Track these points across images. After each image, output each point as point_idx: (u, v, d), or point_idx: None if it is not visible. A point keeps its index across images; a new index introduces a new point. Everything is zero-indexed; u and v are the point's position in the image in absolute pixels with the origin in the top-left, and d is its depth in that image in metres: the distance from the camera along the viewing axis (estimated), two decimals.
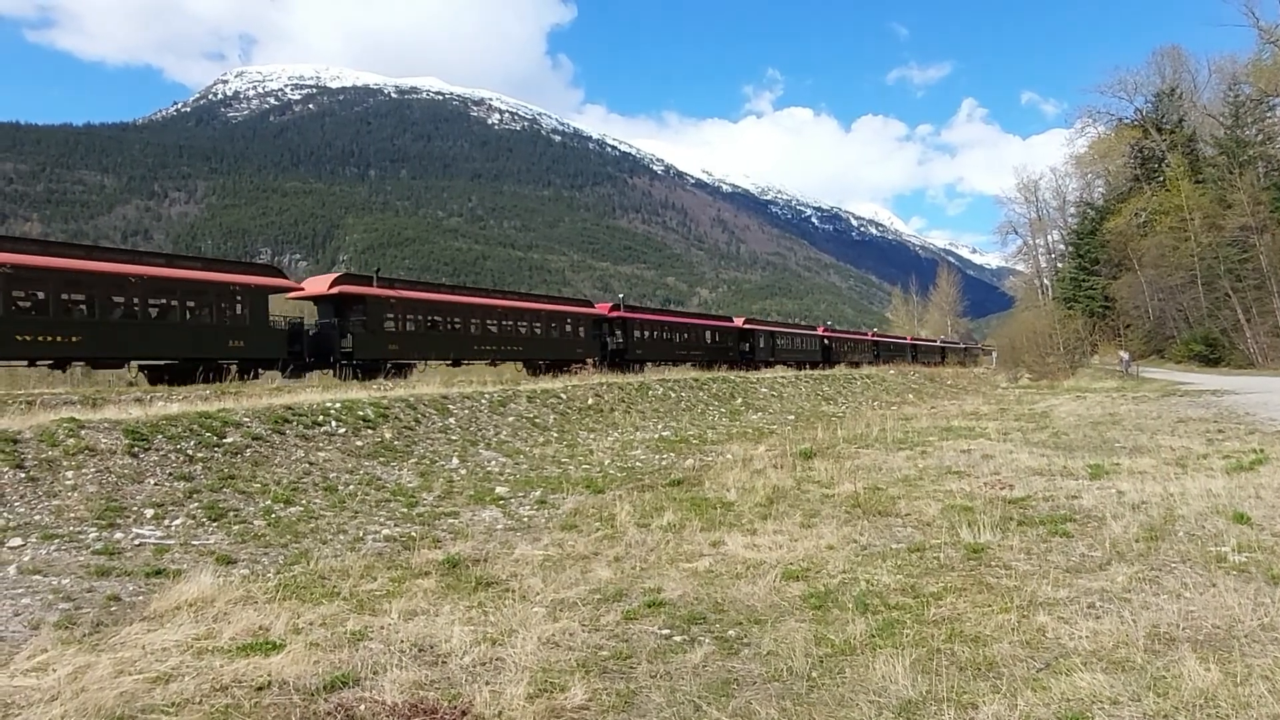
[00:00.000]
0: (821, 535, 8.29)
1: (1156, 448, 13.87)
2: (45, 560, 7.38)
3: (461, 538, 9.05)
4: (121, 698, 4.45)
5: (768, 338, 49.26)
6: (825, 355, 56.10)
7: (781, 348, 50.53)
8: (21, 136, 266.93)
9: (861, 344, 64.97)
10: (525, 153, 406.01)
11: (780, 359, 49.03)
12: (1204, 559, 6.75)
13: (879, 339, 71.67)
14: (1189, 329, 60.78)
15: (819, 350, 56.28)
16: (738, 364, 42.86)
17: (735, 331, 46.52)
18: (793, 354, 51.63)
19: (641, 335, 38.63)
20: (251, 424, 12.54)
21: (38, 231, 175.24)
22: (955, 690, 4.38)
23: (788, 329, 55.55)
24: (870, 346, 66.43)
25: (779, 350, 50.06)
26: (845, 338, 64.11)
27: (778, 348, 49.91)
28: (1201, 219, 58.24)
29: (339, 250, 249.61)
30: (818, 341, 57.26)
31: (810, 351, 53.99)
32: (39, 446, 9.79)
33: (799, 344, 53.00)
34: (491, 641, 5.39)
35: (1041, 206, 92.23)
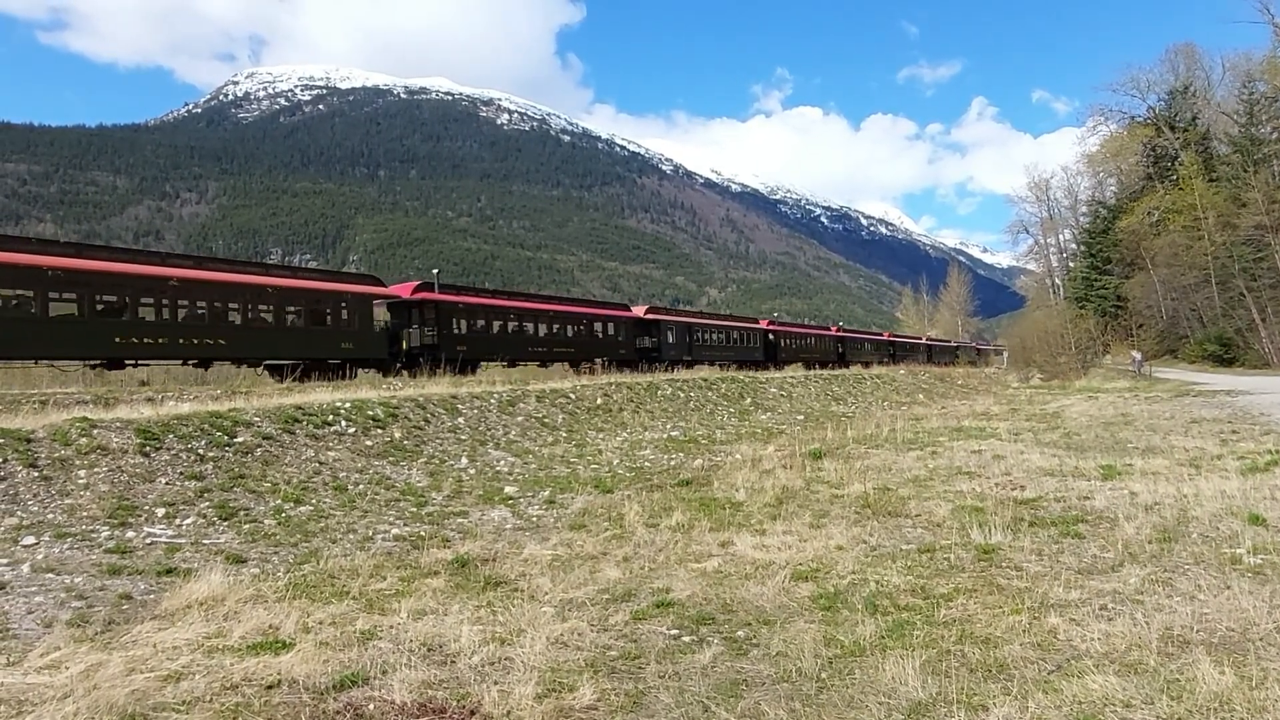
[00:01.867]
0: (831, 536, 8.26)
1: (1170, 448, 13.78)
2: (58, 558, 7.43)
3: (470, 537, 9.05)
4: (133, 695, 4.47)
5: (901, 344, 63.73)
6: (929, 355, 65.89)
7: (799, 348, 55.23)
8: (35, 138, 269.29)
9: (879, 344, 65.38)
10: (534, 153, 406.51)
11: (799, 358, 52.37)
12: (1218, 561, 6.69)
13: (894, 339, 71.73)
14: (1202, 329, 60.37)
15: (925, 351, 67.48)
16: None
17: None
18: (911, 353, 63.28)
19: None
20: (262, 424, 12.59)
21: (50, 232, 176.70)
22: (966, 692, 4.35)
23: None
24: (886, 346, 67.66)
25: (906, 350, 62.45)
26: (860, 338, 64.37)
27: (796, 348, 54.70)
28: (1215, 218, 57.81)
29: (349, 250, 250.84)
30: (924, 347, 68.62)
31: (825, 352, 57.04)
32: (52, 446, 9.85)
33: (813, 344, 56.63)
34: (500, 641, 5.39)
35: (1053, 205, 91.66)
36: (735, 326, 48.74)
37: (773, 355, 49.04)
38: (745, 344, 47.50)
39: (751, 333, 49.11)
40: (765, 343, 49.87)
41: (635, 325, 38.44)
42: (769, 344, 50.32)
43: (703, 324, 44.81)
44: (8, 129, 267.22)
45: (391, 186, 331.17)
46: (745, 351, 46.63)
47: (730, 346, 45.59)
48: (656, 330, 39.53)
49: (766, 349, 49.47)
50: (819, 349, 56.15)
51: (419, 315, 28.06)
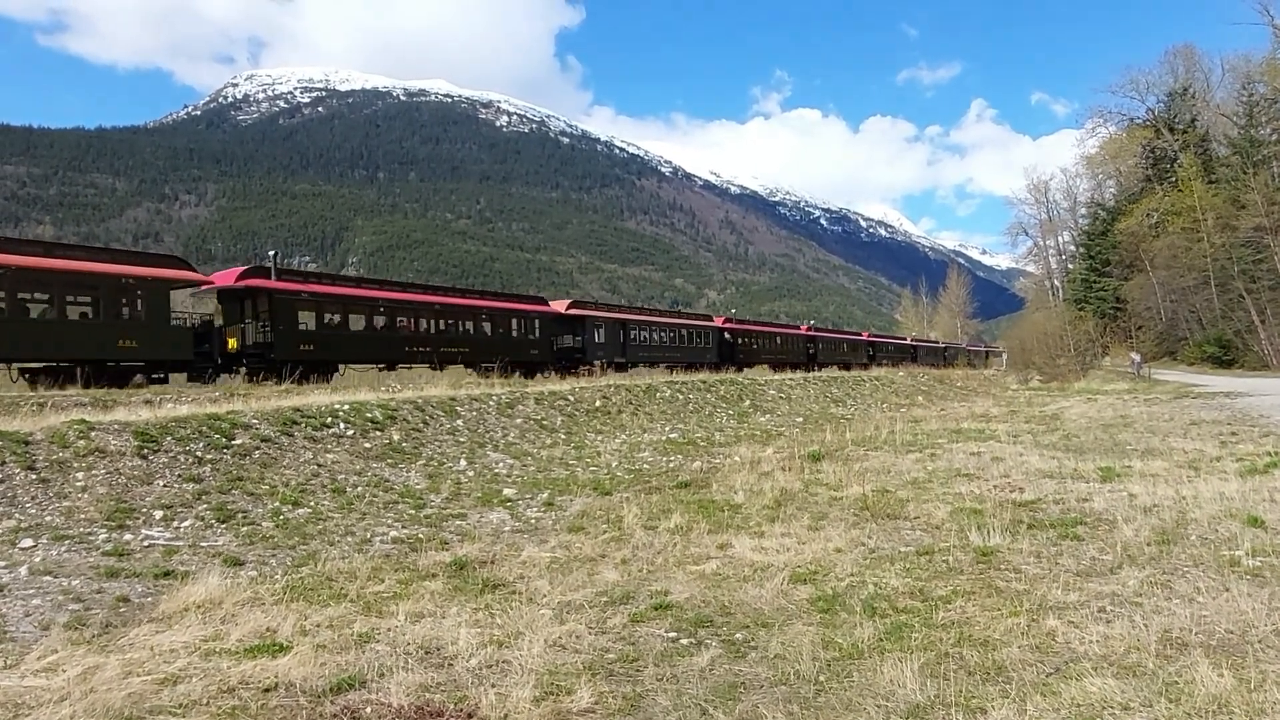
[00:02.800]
0: (829, 538, 8.26)
1: (1169, 450, 13.77)
2: (55, 561, 7.42)
3: (469, 540, 9.05)
4: (130, 699, 4.46)
5: (882, 345, 65.17)
6: (913, 357, 66.70)
7: (762, 349, 53.81)
8: (34, 140, 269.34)
9: (857, 345, 65.15)
10: (533, 155, 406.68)
11: (761, 360, 51.87)
12: (1217, 563, 6.69)
13: (874, 339, 71.57)
14: (1202, 330, 60.40)
15: (909, 353, 68.52)
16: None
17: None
18: (894, 355, 64.50)
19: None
20: (260, 426, 12.59)
21: (49, 234, 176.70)
22: (964, 695, 4.34)
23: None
24: (865, 347, 66.98)
25: (888, 352, 63.62)
26: (835, 338, 63.89)
27: (758, 349, 53.01)
28: (1215, 220, 57.82)
29: (348, 253, 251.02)
30: (908, 348, 69.83)
31: (793, 353, 55.06)
32: (50, 448, 9.84)
33: (780, 344, 54.38)
34: (498, 644, 5.38)
35: (1052, 207, 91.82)
36: (684, 324, 44.10)
37: (730, 356, 44.33)
38: (695, 344, 43.28)
39: (703, 331, 44.57)
40: (720, 343, 45.52)
41: (553, 323, 33.60)
42: (725, 344, 45.85)
43: (640, 321, 39.81)
44: (7, 131, 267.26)
45: (390, 188, 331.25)
46: (695, 352, 42.69)
47: (677, 347, 41.43)
48: (580, 328, 34.90)
49: (722, 350, 45.10)
50: (786, 349, 52.23)
51: (251, 308, 23.07)
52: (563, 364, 32.50)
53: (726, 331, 46.72)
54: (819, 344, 56.88)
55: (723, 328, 46.73)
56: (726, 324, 47.90)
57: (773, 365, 46.58)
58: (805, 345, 55.05)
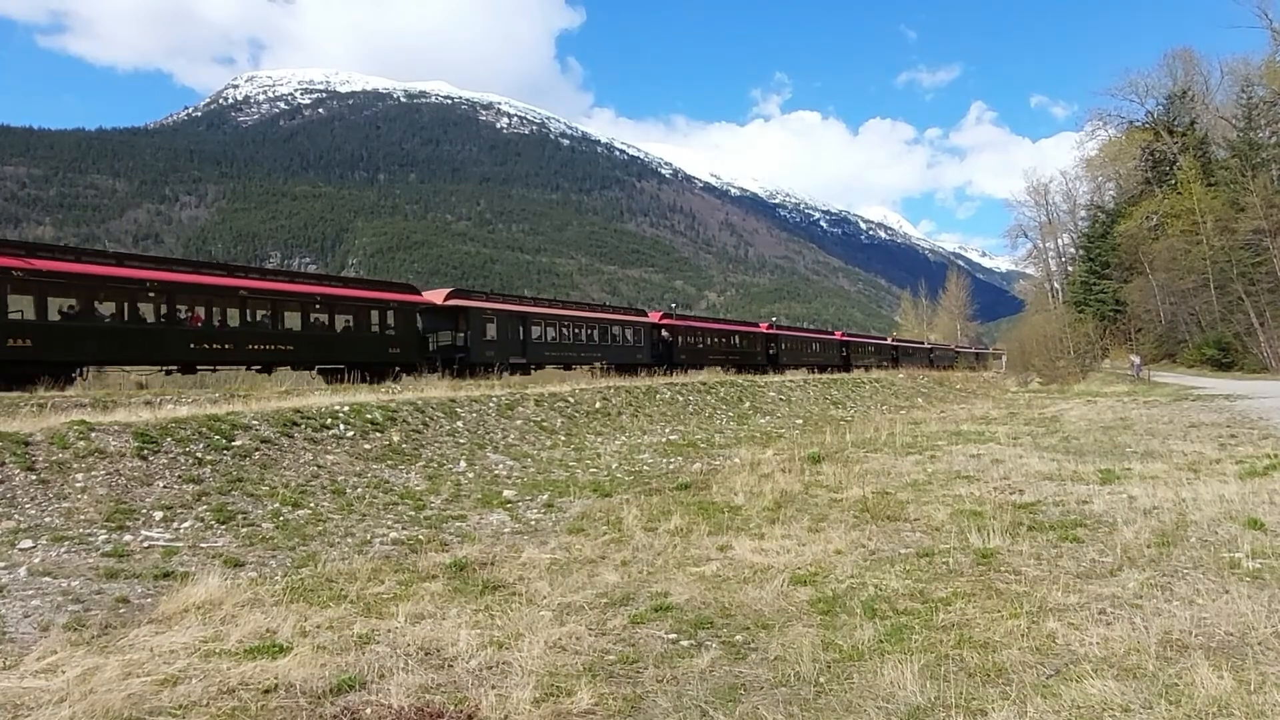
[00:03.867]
0: (830, 540, 8.26)
1: (1168, 453, 13.78)
2: (55, 562, 7.41)
3: (469, 541, 9.05)
4: (130, 700, 4.46)
5: (858, 346, 65.32)
6: (894, 360, 67.26)
7: (867, 352, 61.80)
8: (34, 141, 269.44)
9: (829, 345, 64.98)
10: (534, 156, 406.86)
11: (865, 363, 58.69)
12: (1217, 565, 6.69)
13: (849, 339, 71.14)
14: (1201, 333, 60.39)
15: (890, 355, 69.06)
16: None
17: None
18: (872, 357, 64.37)
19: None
20: (260, 427, 12.58)
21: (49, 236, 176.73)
22: (964, 697, 4.34)
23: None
24: (837, 348, 66.51)
25: (865, 354, 63.58)
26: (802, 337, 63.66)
27: (864, 352, 61.09)
28: (1214, 222, 57.83)
29: (348, 254, 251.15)
30: (889, 349, 70.70)
31: (750, 354, 52.64)
32: (49, 449, 9.84)
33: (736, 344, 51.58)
34: (498, 645, 5.38)
35: (1052, 210, 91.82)
36: (607, 319, 38.08)
37: (668, 357, 39.54)
38: (622, 342, 37.77)
39: (636, 329, 39.14)
40: (656, 341, 40.18)
41: (426, 315, 28.47)
42: (663, 343, 40.49)
43: (546, 315, 34.20)
44: (7, 132, 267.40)
45: (391, 190, 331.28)
46: (624, 352, 37.53)
47: (600, 346, 36.02)
48: (462, 323, 29.02)
49: (658, 349, 39.88)
50: (742, 350, 47.13)
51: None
52: (442, 364, 27.19)
53: (664, 328, 41.50)
54: (782, 343, 52.02)
55: (659, 324, 41.57)
56: (664, 320, 42.68)
57: (726, 368, 41.48)
58: (765, 345, 50.15)
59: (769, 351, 50.31)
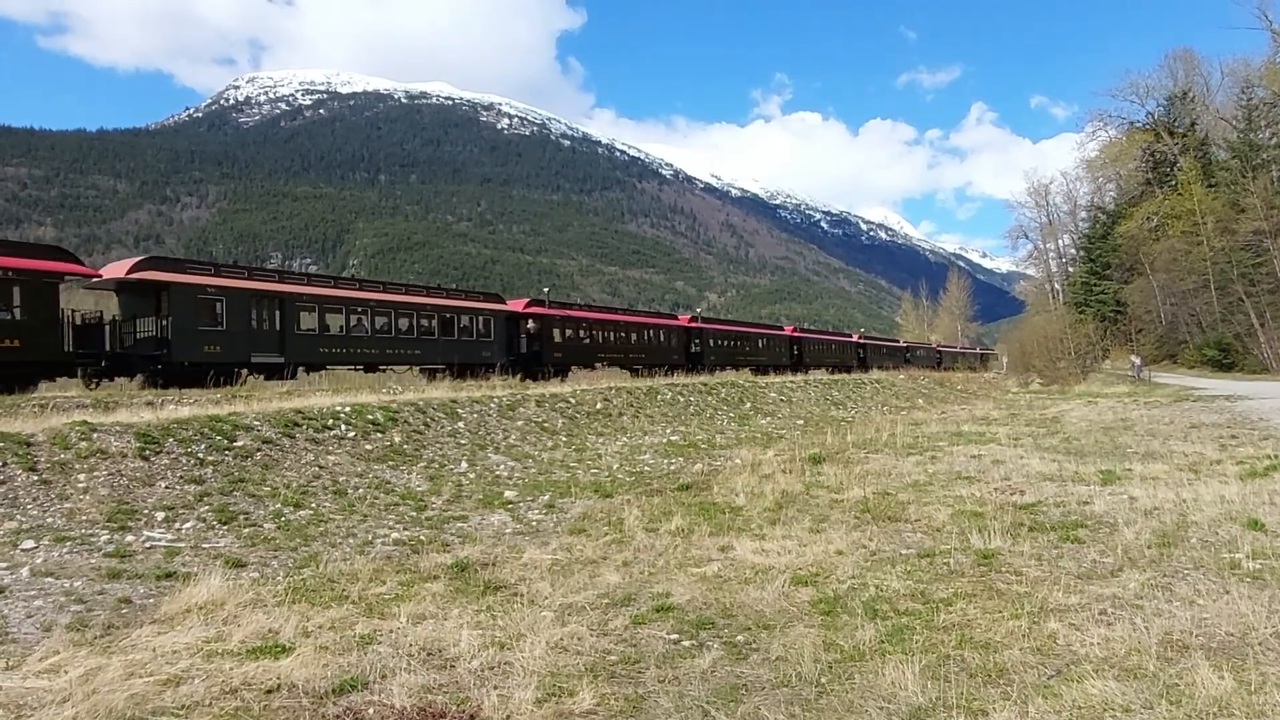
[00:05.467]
0: (831, 540, 8.26)
1: (1169, 453, 13.78)
2: (57, 562, 7.42)
3: (470, 542, 9.05)
4: (132, 700, 4.47)
5: (874, 348, 66.62)
6: (906, 360, 69.09)
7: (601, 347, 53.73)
8: (35, 142, 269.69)
9: (847, 347, 65.77)
10: (534, 157, 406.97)
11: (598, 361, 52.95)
12: (1217, 566, 6.69)
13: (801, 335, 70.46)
14: (1202, 334, 60.40)
15: (902, 355, 71.28)
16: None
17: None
18: (885, 358, 65.93)
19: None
20: (262, 427, 12.60)
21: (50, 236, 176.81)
22: (965, 697, 4.35)
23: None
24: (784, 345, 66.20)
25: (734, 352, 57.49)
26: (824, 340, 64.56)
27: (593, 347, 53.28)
28: (1214, 223, 57.85)
29: (349, 254, 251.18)
30: (900, 351, 72.10)
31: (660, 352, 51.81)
32: (52, 449, 9.85)
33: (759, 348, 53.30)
34: (500, 646, 5.39)
35: (1052, 211, 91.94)
36: (459, 308, 29.80)
37: (540, 356, 32.80)
38: (475, 338, 30.04)
39: (497, 321, 30.99)
40: (534, 339, 33.15)
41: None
42: (539, 340, 33.24)
43: (340, 299, 25.31)
44: (8, 133, 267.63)
45: (392, 191, 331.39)
46: (472, 349, 29.71)
47: (441, 343, 28.28)
48: (164, 305, 20.61)
49: (535, 347, 33.08)
50: (651, 348, 41.01)
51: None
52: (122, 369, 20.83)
53: (532, 318, 33.46)
54: (709, 339, 45.76)
55: (531, 313, 33.41)
56: (545, 310, 34.10)
57: (633, 370, 37.00)
58: (684, 341, 44.21)
59: (690, 348, 45.64)
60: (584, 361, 36.44)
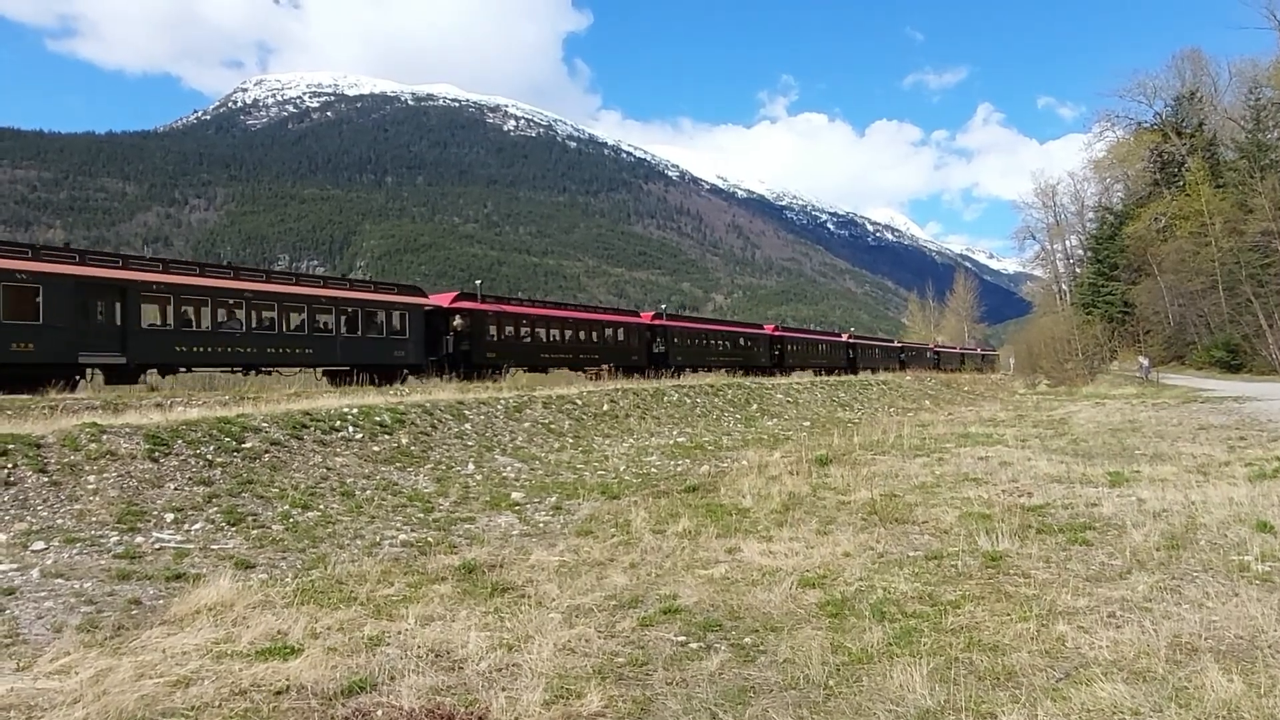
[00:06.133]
0: (838, 542, 8.25)
1: (1177, 455, 13.73)
2: (67, 563, 7.46)
3: (477, 543, 9.07)
4: (142, 701, 4.49)
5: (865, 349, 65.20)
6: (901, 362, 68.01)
7: (876, 356, 62.44)
8: (44, 145, 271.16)
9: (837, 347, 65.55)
10: (541, 159, 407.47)
11: (872, 365, 60.14)
12: (1226, 568, 6.67)
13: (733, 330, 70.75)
14: (1210, 335, 60.12)
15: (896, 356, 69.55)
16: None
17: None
18: (878, 360, 64.74)
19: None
20: (270, 429, 12.64)
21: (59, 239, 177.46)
22: (974, 700, 4.34)
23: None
24: (932, 355, 73.18)
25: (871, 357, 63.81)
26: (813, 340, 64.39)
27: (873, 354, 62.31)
28: (1222, 224, 57.60)
29: (356, 256, 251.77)
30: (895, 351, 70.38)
31: (890, 357, 63.09)
32: (61, 451, 9.90)
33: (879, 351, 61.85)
34: (508, 647, 5.40)
35: (1059, 211, 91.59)
36: (364, 301, 25.81)
37: (469, 356, 29.18)
38: (385, 335, 26.33)
39: (413, 316, 27.40)
40: (462, 337, 29.54)
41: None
42: (468, 338, 29.54)
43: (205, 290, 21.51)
44: (17, 135, 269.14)
45: (398, 192, 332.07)
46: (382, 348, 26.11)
47: (341, 341, 24.76)
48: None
49: (464, 346, 29.42)
50: (606, 348, 37.25)
51: None
52: None
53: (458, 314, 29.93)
54: (674, 337, 42.44)
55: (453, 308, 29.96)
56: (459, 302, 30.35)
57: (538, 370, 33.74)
58: (650, 338, 41.02)
59: (650, 341, 42.68)
60: (525, 363, 32.31)
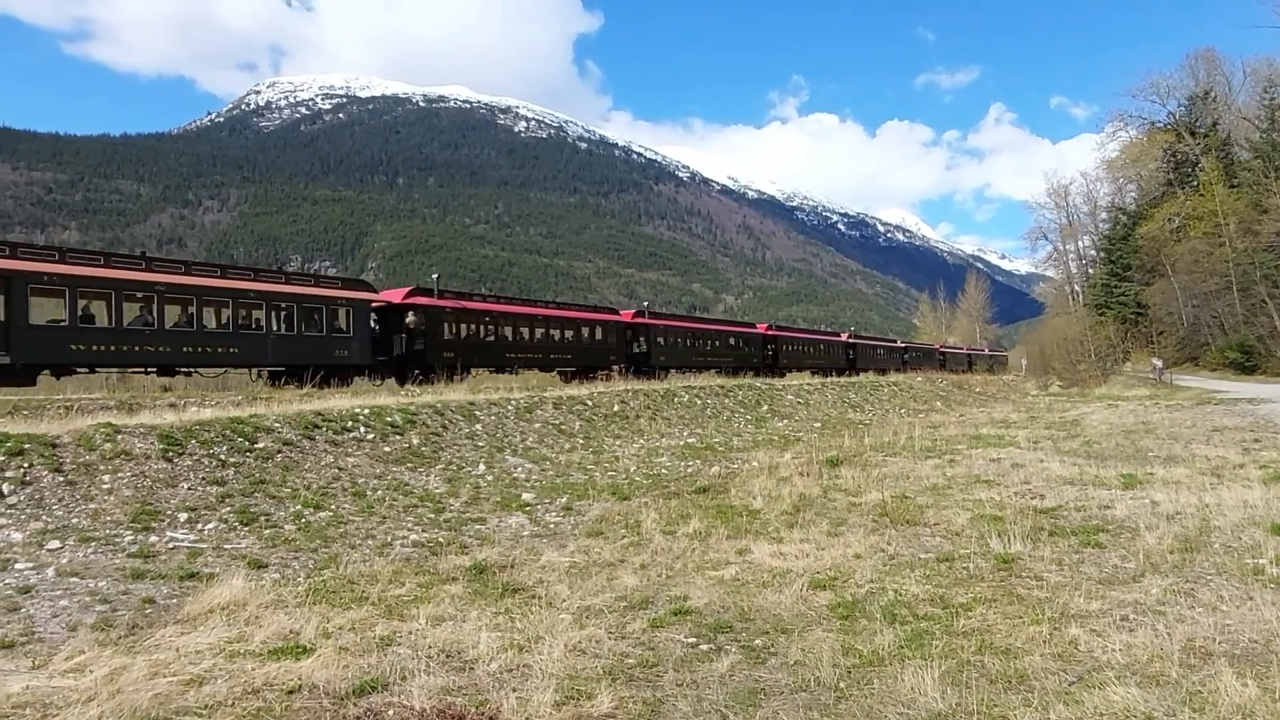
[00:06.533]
0: (849, 544, 8.23)
1: (1191, 457, 13.64)
2: (82, 563, 7.52)
3: (488, 544, 9.09)
4: (156, 699, 4.52)
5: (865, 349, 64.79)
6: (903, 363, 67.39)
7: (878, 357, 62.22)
8: (61, 147, 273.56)
9: (934, 354, 66.69)
10: (551, 160, 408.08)
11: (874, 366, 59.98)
12: (1241, 571, 6.63)
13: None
14: (1224, 336, 59.66)
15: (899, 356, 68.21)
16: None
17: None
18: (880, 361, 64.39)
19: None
20: (282, 429, 12.70)
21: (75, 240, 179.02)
22: (986, 703, 4.33)
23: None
24: (937, 356, 72.82)
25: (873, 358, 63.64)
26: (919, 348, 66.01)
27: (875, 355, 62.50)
28: (1237, 224, 57.17)
29: (368, 257, 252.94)
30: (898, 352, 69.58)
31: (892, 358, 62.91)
32: (77, 450, 9.97)
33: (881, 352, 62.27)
34: (518, 648, 5.41)
35: (1072, 212, 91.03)
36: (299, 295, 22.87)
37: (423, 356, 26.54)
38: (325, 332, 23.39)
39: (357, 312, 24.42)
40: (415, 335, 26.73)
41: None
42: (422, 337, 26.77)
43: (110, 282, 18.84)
44: (34, 138, 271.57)
45: (410, 194, 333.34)
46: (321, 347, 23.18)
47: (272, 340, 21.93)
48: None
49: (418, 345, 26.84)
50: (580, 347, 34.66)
51: None
52: None
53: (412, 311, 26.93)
54: (656, 337, 39.39)
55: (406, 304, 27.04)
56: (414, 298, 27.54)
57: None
58: (630, 338, 38.12)
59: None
60: (489, 364, 30.04)
